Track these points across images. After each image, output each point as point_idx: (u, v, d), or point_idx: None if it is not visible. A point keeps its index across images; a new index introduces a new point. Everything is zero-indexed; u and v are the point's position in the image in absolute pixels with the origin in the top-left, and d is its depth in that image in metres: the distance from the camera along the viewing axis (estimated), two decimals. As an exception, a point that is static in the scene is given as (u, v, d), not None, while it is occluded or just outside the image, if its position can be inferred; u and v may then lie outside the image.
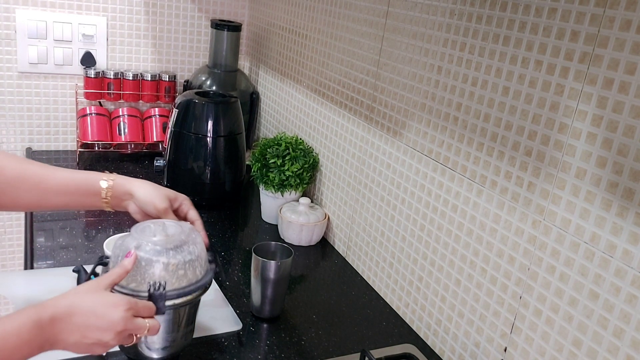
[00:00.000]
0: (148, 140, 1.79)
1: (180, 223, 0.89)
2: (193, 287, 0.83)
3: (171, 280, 0.81)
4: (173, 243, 0.82)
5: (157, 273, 0.80)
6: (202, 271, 0.85)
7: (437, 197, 1.03)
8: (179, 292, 0.82)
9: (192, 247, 0.84)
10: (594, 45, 0.74)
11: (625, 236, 0.70)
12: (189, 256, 0.82)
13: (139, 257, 0.80)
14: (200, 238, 0.87)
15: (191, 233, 0.86)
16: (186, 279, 0.82)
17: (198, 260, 0.84)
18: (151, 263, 0.80)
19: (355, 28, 1.28)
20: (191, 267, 0.83)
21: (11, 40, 1.68)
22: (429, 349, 1.06)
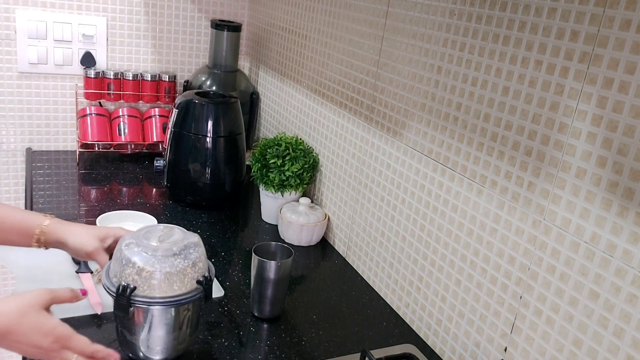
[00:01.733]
0: (148, 141, 1.79)
1: (188, 234, 0.89)
2: (161, 300, 0.82)
3: (142, 286, 0.81)
4: (159, 251, 0.83)
5: (129, 275, 0.81)
6: (183, 287, 0.84)
7: (437, 197, 1.03)
8: (145, 299, 0.82)
9: (180, 260, 0.83)
10: (593, 45, 0.74)
11: (626, 236, 0.70)
12: (168, 268, 0.82)
13: (122, 254, 0.82)
14: (197, 254, 0.86)
15: (189, 247, 0.86)
16: (159, 289, 0.82)
17: (178, 275, 0.83)
18: (128, 263, 0.82)
19: (355, 28, 1.28)
20: (167, 279, 0.82)
21: (11, 41, 1.68)
22: (429, 349, 1.06)
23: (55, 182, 1.52)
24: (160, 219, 1.40)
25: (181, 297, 0.83)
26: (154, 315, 0.84)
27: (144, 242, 0.84)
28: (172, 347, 0.88)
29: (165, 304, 0.83)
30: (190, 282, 0.85)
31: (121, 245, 0.84)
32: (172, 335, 0.87)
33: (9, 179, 1.82)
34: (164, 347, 0.88)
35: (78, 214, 1.36)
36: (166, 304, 0.83)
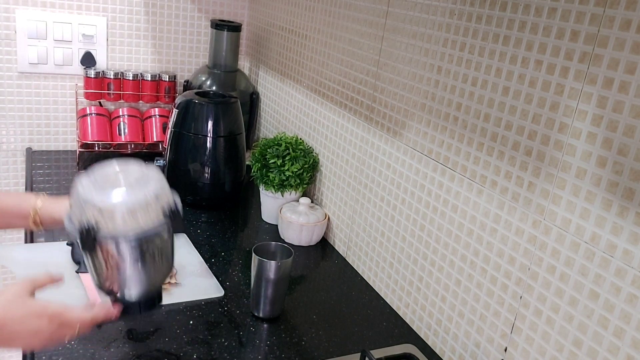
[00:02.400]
0: (148, 141, 1.79)
1: (145, 168, 0.85)
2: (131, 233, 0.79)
3: (106, 224, 0.78)
4: (118, 187, 0.79)
5: (91, 215, 0.78)
6: (148, 220, 0.80)
7: (437, 197, 1.03)
8: (110, 237, 0.78)
9: (140, 194, 0.80)
10: (594, 44, 0.74)
11: (626, 236, 0.70)
12: (130, 203, 0.78)
13: (80, 194, 0.79)
14: (156, 187, 0.82)
15: (149, 180, 0.82)
16: (124, 225, 0.78)
17: (141, 208, 0.79)
18: (87, 203, 0.78)
19: (355, 28, 1.28)
20: (131, 214, 0.78)
21: (11, 41, 1.68)
22: (429, 349, 1.06)
23: (55, 182, 1.52)
24: (160, 219, 1.40)
25: (147, 230, 0.80)
26: (124, 251, 0.81)
27: (101, 180, 0.80)
28: (148, 283, 0.85)
29: (131, 239, 0.79)
30: (156, 214, 0.81)
31: (77, 187, 0.80)
32: (144, 271, 0.84)
33: (9, 179, 1.82)
34: (138, 284, 0.84)
35: (78, 214, 1.36)
36: (132, 238, 0.79)
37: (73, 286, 1.05)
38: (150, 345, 0.94)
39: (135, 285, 0.85)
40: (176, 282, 1.12)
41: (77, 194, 0.80)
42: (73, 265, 1.12)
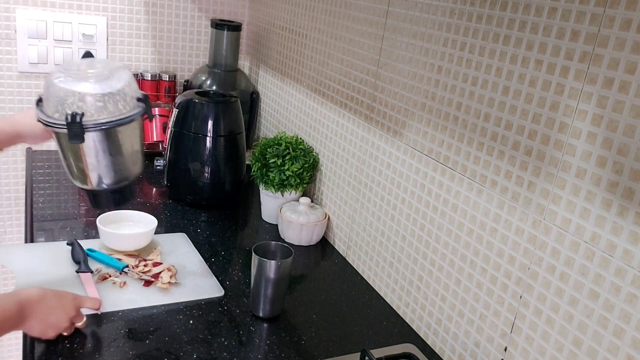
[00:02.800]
0: (148, 140, 1.79)
1: (110, 61, 0.91)
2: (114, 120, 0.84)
3: (90, 111, 0.82)
4: (94, 76, 0.84)
5: (75, 103, 0.82)
6: (127, 106, 0.86)
7: (437, 197, 1.03)
8: (97, 122, 0.83)
9: (115, 82, 0.85)
10: (594, 44, 0.74)
11: (626, 236, 0.70)
12: (108, 89, 0.83)
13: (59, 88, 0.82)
14: (127, 76, 0.88)
15: (118, 70, 0.87)
16: (106, 112, 0.83)
17: (120, 95, 0.85)
18: (68, 94, 0.82)
19: (356, 28, 1.28)
20: (111, 100, 0.84)
21: (11, 40, 1.68)
22: (429, 348, 1.06)
23: (55, 182, 1.52)
24: (160, 218, 1.40)
25: (131, 114, 0.86)
26: (109, 137, 0.85)
27: (74, 72, 0.84)
28: (129, 168, 0.90)
29: (119, 123, 0.84)
30: (132, 100, 0.87)
31: (52, 81, 0.84)
32: (128, 155, 0.89)
33: (9, 179, 1.82)
34: (123, 169, 0.89)
35: (78, 214, 1.36)
36: (120, 122, 0.84)
37: (73, 286, 1.04)
38: (150, 345, 0.94)
39: (115, 174, 0.89)
40: (176, 282, 1.11)
41: (54, 87, 0.83)
42: (73, 264, 1.12)
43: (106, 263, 1.14)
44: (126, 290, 1.07)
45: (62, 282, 1.05)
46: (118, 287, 1.07)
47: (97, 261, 1.14)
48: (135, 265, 1.14)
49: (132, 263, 1.14)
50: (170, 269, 1.13)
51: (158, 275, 1.11)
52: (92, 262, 1.13)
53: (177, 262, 1.19)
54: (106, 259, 1.14)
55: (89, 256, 1.14)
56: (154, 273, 1.12)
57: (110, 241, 1.18)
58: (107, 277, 1.09)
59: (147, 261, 1.16)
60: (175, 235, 1.31)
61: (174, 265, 1.16)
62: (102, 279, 1.08)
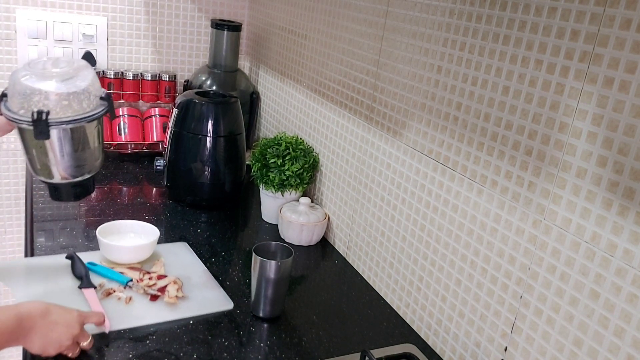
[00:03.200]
0: (148, 140, 1.79)
1: (74, 59, 0.93)
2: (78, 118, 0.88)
3: (55, 109, 0.86)
4: (59, 75, 0.87)
5: (41, 101, 0.85)
6: (91, 105, 0.90)
7: (437, 197, 1.03)
8: (62, 120, 0.86)
9: (80, 82, 0.88)
10: (594, 44, 0.73)
11: (626, 235, 0.70)
12: (73, 88, 0.87)
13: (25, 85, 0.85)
14: (91, 75, 0.91)
15: (82, 69, 0.90)
16: (71, 110, 0.87)
17: (84, 94, 0.88)
18: (34, 92, 0.85)
19: (355, 28, 1.27)
20: (76, 99, 0.87)
21: (11, 40, 1.68)
22: (429, 349, 1.06)
23: (55, 182, 1.52)
24: (160, 218, 1.40)
25: (94, 112, 0.90)
26: (73, 134, 0.89)
27: (40, 71, 0.87)
28: (91, 163, 0.94)
29: (84, 120, 0.88)
30: (95, 99, 0.90)
31: (17, 78, 0.86)
32: (90, 152, 0.93)
33: (9, 179, 1.82)
34: (85, 165, 0.93)
35: (78, 214, 1.36)
36: (84, 120, 0.88)
37: (76, 303, 0.99)
38: (150, 345, 0.94)
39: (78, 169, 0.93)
40: (183, 295, 1.07)
41: (19, 84, 0.86)
42: (74, 280, 1.07)
43: (109, 277, 1.09)
44: (132, 306, 1.02)
45: (65, 300, 0.99)
46: (124, 303, 1.03)
47: (99, 275, 1.09)
48: (140, 278, 1.09)
49: (136, 277, 1.09)
50: (176, 281, 1.09)
51: (164, 289, 1.07)
52: (94, 277, 1.08)
53: (182, 273, 1.15)
54: (109, 273, 1.09)
55: (90, 270, 1.09)
56: (160, 286, 1.08)
57: (112, 254, 1.13)
58: (112, 292, 1.05)
59: (151, 274, 1.11)
60: (177, 245, 1.27)
61: (179, 278, 1.12)
62: (106, 294, 1.04)
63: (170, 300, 1.04)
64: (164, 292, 1.06)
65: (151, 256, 1.19)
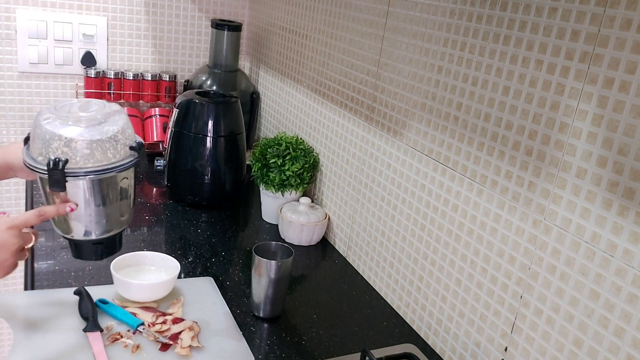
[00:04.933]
0: (148, 140, 1.79)
1: (108, 104, 0.84)
2: (100, 170, 0.78)
3: (75, 158, 0.77)
4: (85, 120, 0.78)
5: (60, 148, 0.77)
6: (117, 155, 0.80)
7: (437, 197, 1.03)
8: (80, 171, 0.77)
9: (107, 128, 0.79)
10: (594, 44, 0.74)
11: (626, 235, 0.70)
12: (98, 135, 0.78)
13: (45, 129, 0.77)
14: (122, 122, 0.81)
15: (113, 115, 0.81)
16: (93, 159, 0.78)
17: (110, 142, 0.79)
18: (54, 137, 0.77)
19: (356, 28, 1.28)
20: (100, 147, 0.78)
21: (11, 40, 1.68)
22: (429, 348, 1.06)
23: (56, 182, 1.52)
24: (160, 218, 1.40)
25: (120, 163, 0.80)
26: (93, 186, 0.80)
27: (65, 114, 0.79)
28: (116, 219, 0.84)
29: (103, 172, 0.78)
30: (124, 148, 0.81)
31: (39, 121, 0.78)
32: (114, 207, 0.83)
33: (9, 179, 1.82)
34: (108, 221, 0.83)
35: (78, 214, 1.36)
36: (104, 172, 0.78)
37: (79, 347, 0.91)
38: (150, 345, 0.94)
39: (99, 225, 0.83)
40: (198, 345, 0.94)
41: (40, 128, 0.77)
42: (80, 320, 0.97)
43: (119, 319, 0.98)
44: (139, 356, 0.90)
45: (67, 344, 0.91)
46: (130, 351, 0.91)
47: (108, 315, 0.99)
48: (152, 322, 0.97)
49: (149, 319, 0.98)
50: (192, 327, 0.97)
51: (177, 337, 0.95)
52: (102, 316, 0.98)
53: (201, 316, 1.02)
54: (119, 313, 0.98)
55: (100, 308, 0.99)
56: (173, 333, 0.96)
57: (126, 291, 1.02)
58: (119, 337, 0.93)
59: (166, 317, 0.99)
60: (201, 280, 1.14)
61: (196, 322, 0.99)
62: (112, 340, 0.93)
63: (182, 352, 0.92)
64: (176, 341, 0.94)
65: (170, 294, 1.06)
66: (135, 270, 1.08)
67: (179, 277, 1.11)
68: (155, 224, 1.37)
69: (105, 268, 1.14)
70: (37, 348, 0.89)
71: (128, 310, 1.00)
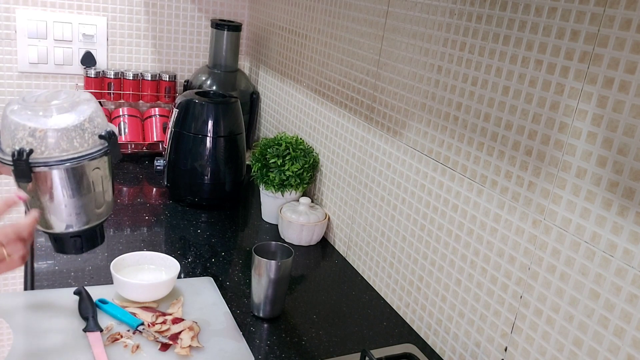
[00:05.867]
0: (148, 140, 1.79)
1: (78, 93, 0.82)
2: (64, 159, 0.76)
3: (40, 148, 0.75)
4: (49, 109, 0.76)
5: (24, 138, 0.75)
6: (85, 144, 0.78)
7: (437, 197, 1.03)
8: (43, 161, 0.75)
9: (74, 115, 0.77)
10: (594, 44, 0.74)
11: (626, 235, 0.70)
12: (62, 124, 0.75)
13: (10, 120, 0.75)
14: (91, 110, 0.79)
15: (81, 103, 0.79)
16: (58, 149, 0.75)
17: (76, 130, 0.76)
18: (18, 127, 0.75)
19: (355, 28, 1.28)
20: (65, 137, 0.75)
21: (11, 40, 1.68)
22: (429, 348, 1.06)
23: (56, 182, 1.52)
24: (160, 218, 1.40)
25: (84, 154, 0.77)
26: (61, 177, 0.77)
27: (31, 104, 0.77)
28: (91, 211, 0.82)
29: (68, 161, 0.76)
30: (92, 137, 0.78)
31: (6, 112, 0.76)
32: (88, 198, 0.81)
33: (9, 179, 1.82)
34: (83, 213, 0.81)
35: (78, 214, 1.36)
36: (69, 161, 0.76)
37: (79, 347, 0.91)
38: (150, 345, 0.94)
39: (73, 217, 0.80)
40: (198, 346, 0.94)
41: (7, 119, 0.76)
42: (80, 320, 0.97)
43: (119, 319, 0.98)
44: (139, 356, 0.90)
45: (67, 344, 0.91)
46: (130, 351, 0.91)
47: (108, 315, 0.99)
48: (152, 322, 0.98)
49: (149, 319, 0.98)
50: (192, 327, 0.97)
51: (177, 337, 0.95)
52: (102, 316, 0.98)
53: (201, 316, 1.02)
54: (119, 313, 0.98)
55: (99, 308, 0.99)
56: (173, 333, 0.96)
57: (125, 290, 1.02)
58: (118, 337, 0.93)
59: (166, 316, 1.00)
60: (200, 281, 1.14)
61: (196, 322, 0.99)
62: (112, 340, 0.93)
63: (182, 352, 0.92)
64: (176, 341, 0.94)
65: (170, 294, 1.06)
66: (135, 270, 1.08)
67: (179, 277, 1.10)
68: (155, 224, 1.37)
69: (105, 268, 1.14)
70: (37, 348, 0.89)
71: (128, 310, 1.00)
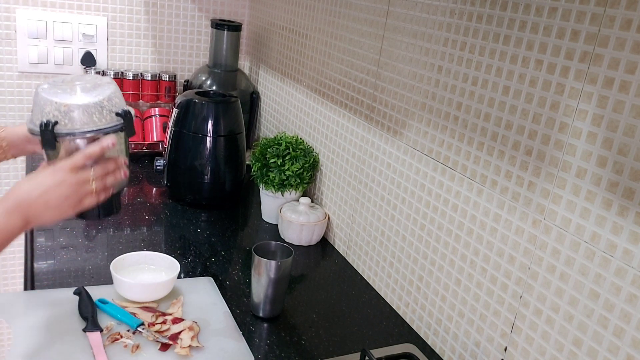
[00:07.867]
0: (148, 140, 1.79)
1: (101, 77, 0.93)
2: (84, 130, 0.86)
3: (63, 120, 0.85)
4: (74, 88, 0.87)
5: (51, 112, 0.85)
6: (103, 119, 0.88)
7: (437, 197, 1.03)
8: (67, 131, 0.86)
9: (93, 95, 0.87)
10: (594, 44, 0.74)
11: (626, 235, 0.70)
12: (84, 101, 0.86)
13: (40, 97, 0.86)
14: (110, 91, 0.89)
15: (103, 85, 0.90)
16: (79, 123, 0.86)
17: (95, 107, 0.87)
18: (47, 102, 0.86)
19: (356, 27, 1.28)
20: (85, 112, 0.86)
21: (11, 40, 1.68)
22: (429, 348, 1.06)
23: (56, 182, 1.52)
24: (160, 218, 1.40)
25: (102, 128, 0.87)
26: (81, 147, 0.87)
27: (58, 84, 0.89)
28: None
29: (88, 133, 0.86)
30: (109, 114, 0.88)
31: (38, 90, 0.88)
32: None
33: (9, 179, 1.82)
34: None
35: (78, 214, 1.36)
36: (88, 132, 0.86)
37: (79, 347, 0.91)
38: (150, 345, 0.94)
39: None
40: (198, 345, 0.94)
41: (38, 96, 0.87)
42: (80, 320, 0.97)
43: (118, 319, 0.98)
44: (138, 356, 0.90)
45: (67, 343, 0.91)
46: (130, 351, 0.91)
47: (108, 315, 0.99)
48: (152, 322, 0.98)
49: (149, 319, 0.98)
50: (192, 327, 0.97)
51: (177, 337, 0.95)
52: (102, 316, 0.98)
53: (201, 316, 1.02)
54: (119, 313, 0.98)
55: (99, 308, 0.99)
56: (173, 333, 0.96)
57: (125, 290, 1.02)
58: (118, 337, 0.93)
59: (165, 316, 1.00)
60: (200, 281, 1.14)
61: (196, 322, 0.99)
62: (112, 340, 0.93)
63: (181, 352, 0.92)
64: (176, 341, 0.94)
65: (170, 293, 1.06)
66: (135, 270, 1.08)
67: (179, 277, 1.10)
68: (155, 224, 1.37)
69: (105, 268, 1.14)
70: (37, 348, 0.89)
71: (128, 310, 1.00)
